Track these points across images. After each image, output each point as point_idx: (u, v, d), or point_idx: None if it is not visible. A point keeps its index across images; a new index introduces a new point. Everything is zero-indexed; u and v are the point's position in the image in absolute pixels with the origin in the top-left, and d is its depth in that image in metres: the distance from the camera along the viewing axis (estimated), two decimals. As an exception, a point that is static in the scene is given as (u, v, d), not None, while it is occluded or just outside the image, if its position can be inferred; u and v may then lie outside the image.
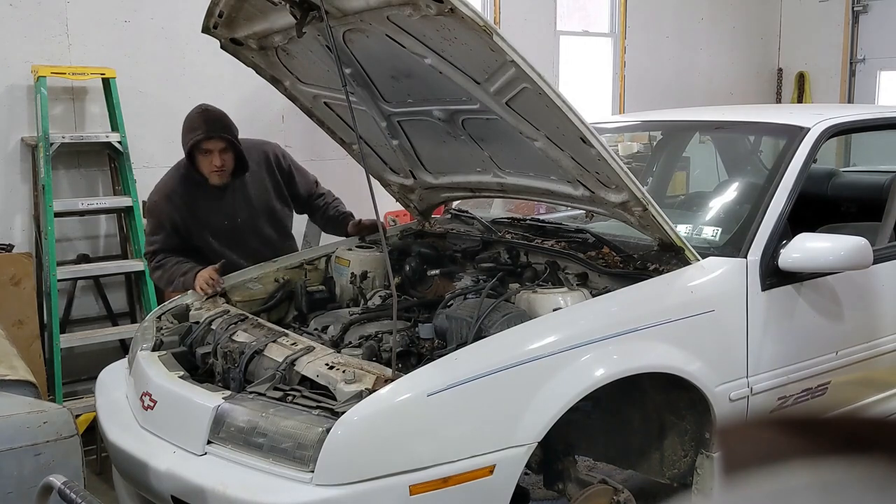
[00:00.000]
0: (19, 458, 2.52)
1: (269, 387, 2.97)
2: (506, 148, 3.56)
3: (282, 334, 3.27)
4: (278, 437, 2.75)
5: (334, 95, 3.77)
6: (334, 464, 2.65)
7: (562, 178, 3.49)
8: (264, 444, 2.77)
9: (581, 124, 2.96)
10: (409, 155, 3.98)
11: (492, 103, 3.20)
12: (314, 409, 2.81)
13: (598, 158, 3.09)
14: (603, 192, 3.36)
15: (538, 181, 3.64)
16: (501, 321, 3.10)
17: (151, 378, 3.23)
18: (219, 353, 3.30)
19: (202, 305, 3.77)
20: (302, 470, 2.68)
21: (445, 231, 4.36)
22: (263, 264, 4.10)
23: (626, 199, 3.26)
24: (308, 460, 2.68)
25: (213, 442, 2.88)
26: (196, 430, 2.91)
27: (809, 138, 3.78)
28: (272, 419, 2.80)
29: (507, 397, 2.84)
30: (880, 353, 3.89)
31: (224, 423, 2.87)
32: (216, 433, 2.87)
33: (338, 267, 4.07)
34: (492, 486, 2.78)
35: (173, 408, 3.08)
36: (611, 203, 3.36)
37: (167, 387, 3.15)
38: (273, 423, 2.78)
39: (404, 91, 3.52)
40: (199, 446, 2.88)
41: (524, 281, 3.62)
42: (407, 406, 2.73)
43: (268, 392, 2.94)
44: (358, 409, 2.70)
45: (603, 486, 3.30)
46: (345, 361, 2.96)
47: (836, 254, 3.43)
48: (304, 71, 3.77)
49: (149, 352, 3.46)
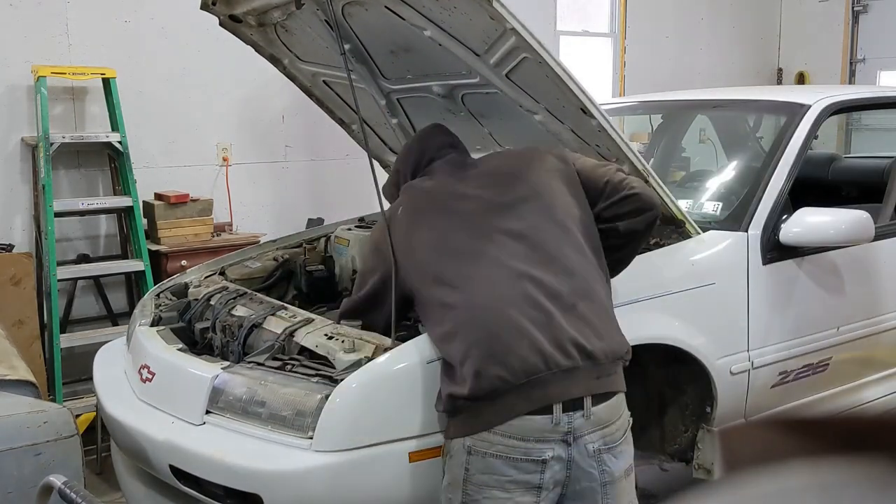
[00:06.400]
0: (19, 458, 2.51)
1: (267, 357, 2.94)
2: (506, 123, 3.55)
3: (281, 307, 3.25)
4: (277, 405, 2.73)
5: (333, 73, 3.77)
6: (333, 430, 2.63)
7: (562, 153, 3.48)
8: (263, 412, 2.75)
9: (581, 93, 2.95)
10: (409, 134, 3.96)
11: (492, 76, 3.19)
12: (313, 377, 2.79)
13: (598, 129, 3.08)
14: (603, 166, 3.34)
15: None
16: (501, 292, 3.08)
17: (150, 351, 3.21)
18: (217, 327, 3.28)
19: (200, 283, 3.75)
20: (301, 437, 2.66)
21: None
22: (262, 244, 4.09)
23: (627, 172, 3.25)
24: (307, 427, 2.66)
25: (211, 412, 2.85)
26: (194, 401, 2.88)
27: (811, 115, 3.79)
28: (271, 387, 2.78)
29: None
30: (882, 330, 3.88)
31: (222, 392, 2.85)
32: (214, 403, 2.85)
33: (337, 247, 4.05)
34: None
35: (171, 379, 3.05)
36: (611, 177, 3.34)
37: (165, 359, 3.13)
38: (272, 392, 2.76)
39: (404, 67, 3.52)
40: (198, 416, 2.85)
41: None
42: (406, 373, 2.70)
43: (266, 362, 2.92)
44: (357, 377, 2.68)
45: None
46: (344, 332, 2.94)
47: (837, 227, 3.43)
48: (302, 48, 3.77)
49: (147, 327, 3.44)
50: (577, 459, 2.41)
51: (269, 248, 4.09)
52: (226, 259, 3.97)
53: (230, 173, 6.04)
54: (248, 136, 6.15)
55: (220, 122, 6.01)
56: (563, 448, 2.39)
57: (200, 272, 3.91)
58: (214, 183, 6.02)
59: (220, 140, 6.03)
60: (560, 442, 2.39)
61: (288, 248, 4.14)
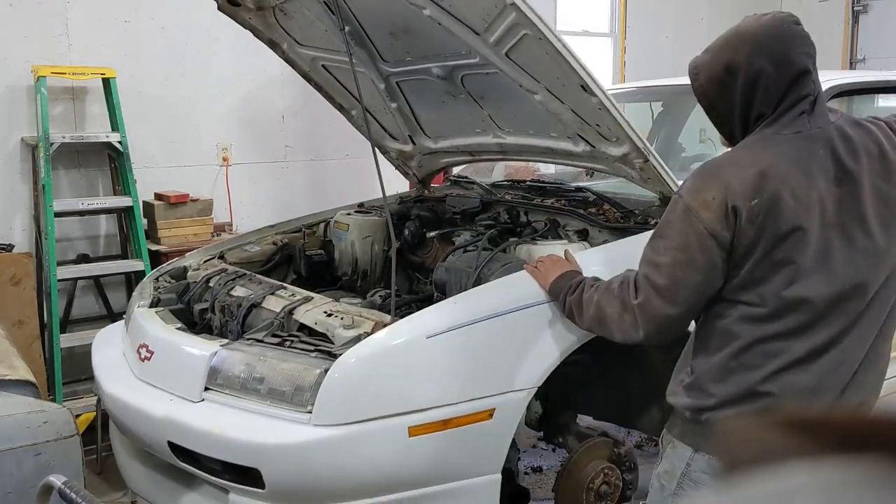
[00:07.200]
0: (19, 458, 2.51)
1: (266, 333, 2.93)
2: (506, 105, 3.54)
3: (280, 287, 3.23)
4: (276, 380, 2.73)
5: (333, 57, 3.76)
6: (332, 404, 2.62)
7: (562, 135, 3.46)
8: (262, 387, 2.74)
9: (582, 70, 2.93)
10: (409, 118, 3.96)
11: (492, 55, 3.18)
12: (312, 352, 2.78)
13: (598, 108, 3.05)
14: (604, 147, 3.32)
15: (538, 139, 3.62)
16: (501, 270, 3.07)
17: (148, 331, 3.20)
18: (216, 307, 3.26)
19: (199, 266, 3.73)
20: (300, 411, 2.65)
21: (445, 195, 4.33)
22: (261, 229, 4.08)
23: (627, 152, 3.23)
24: (306, 402, 2.66)
25: (210, 388, 2.85)
26: (193, 378, 2.87)
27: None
28: (270, 363, 2.77)
29: (506, 342, 2.81)
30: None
31: (221, 369, 2.84)
32: (213, 380, 2.84)
33: (337, 231, 4.03)
34: (491, 430, 2.75)
35: (170, 357, 3.04)
36: (612, 157, 3.32)
37: (164, 338, 3.12)
38: (271, 367, 2.76)
39: (403, 49, 3.51)
40: (197, 393, 2.84)
41: (524, 238, 3.59)
42: (405, 348, 2.70)
43: (265, 338, 2.91)
44: (356, 351, 2.67)
45: (603, 439, 3.27)
46: (343, 309, 2.93)
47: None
48: (301, 32, 3.77)
49: (146, 308, 3.42)
50: None
51: (268, 232, 4.08)
52: (225, 244, 3.96)
53: (230, 173, 6.03)
54: (248, 136, 6.14)
55: (220, 122, 6.01)
56: None
57: (199, 256, 3.89)
58: (214, 183, 6.01)
59: (220, 140, 6.02)
60: None
61: (287, 232, 4.13)
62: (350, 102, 4.11)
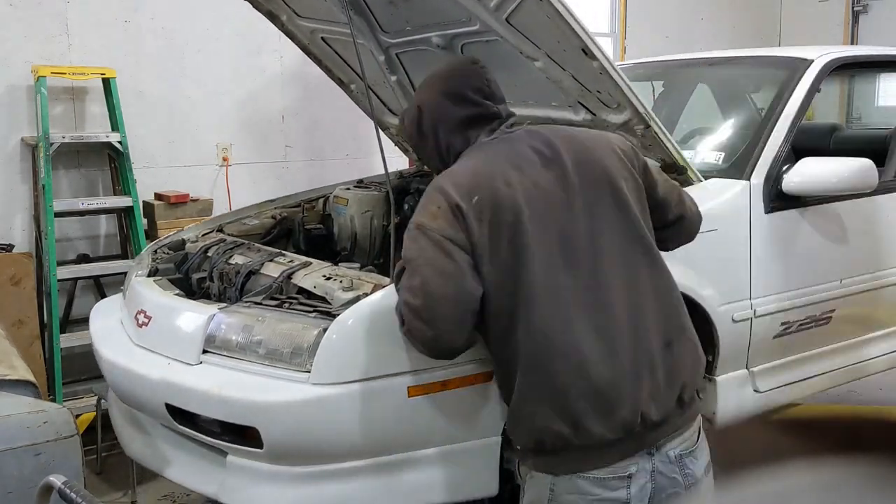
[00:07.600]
0: (19, 458, 2.47)
1: (265, 297, 2.91)
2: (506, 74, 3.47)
3: (278, 254, 3.21)
4: (274, 341, 2.70)
5: (332, 29, 3.74)
6: (331, 363, 2.59)
7: (563, 104, 3.44)
8: (260, 348, 2.71)
9: (582, 32, 2.92)
10: (409, 92, 3.93)
11: (492, 21, 3.16)
12: (310, 313, 2.75)
13: (600, 72, 3.04)
14: (605, 114, 3.31)
15: (539, 109, 3.59)
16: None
17: (146, 297, 3.18)
18: (214, 274, 3.24)
19: (198, 239, 3.72)
20: (298, 370, 2.63)
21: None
22: (261, 203, 4.06)
23: (629, 118, 3.21)
24: (304, 361, 2.63)
25: (208, 351, 2.82)
26: (191, 341, 2.85)
27: (814, 69, 3.80)
28: (268, 323, 2.75)
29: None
30: (885, 284, 3.86)
31: (219, 331, 2.82)
32: (211, 342, 2.82)
33: (336, 206, 4.02)
34: (491, 392, 2.71)
35: (168, 322, 3.01)
36: (613, 125, 3.30)
37: (162, 302, 3.10)
38: (269, 327, 2.73)
39: (403, 18, 3.49)
40: (195, 356, 2.81)
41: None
42: (404, 308, 2.66)
43: (264, 301, 2.88)
44: (354, 311, 2.64)
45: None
46: (342, 273, 2.91)
47: (840, 175, 3.42)
48: (300, 4, 3.75)
49: (144, 277, 3.40)
50: (661, 468, 2.35)
51: (267, 207, 4.06)
52: (223, 217, 3.94)
53: (230, 173, 6.03)
54: (248, 136, 6.14)
55: (220, 122, 6.01)
56: (647, 460, 2.33)
57: (198, 230, 3.88)
58: (214, 183, 6.00)
59: (220, 140, 6.02)
60: (643, 454, 2.34)
61: (286, 207, 4.12)
62: (349, 76, 4.09)
